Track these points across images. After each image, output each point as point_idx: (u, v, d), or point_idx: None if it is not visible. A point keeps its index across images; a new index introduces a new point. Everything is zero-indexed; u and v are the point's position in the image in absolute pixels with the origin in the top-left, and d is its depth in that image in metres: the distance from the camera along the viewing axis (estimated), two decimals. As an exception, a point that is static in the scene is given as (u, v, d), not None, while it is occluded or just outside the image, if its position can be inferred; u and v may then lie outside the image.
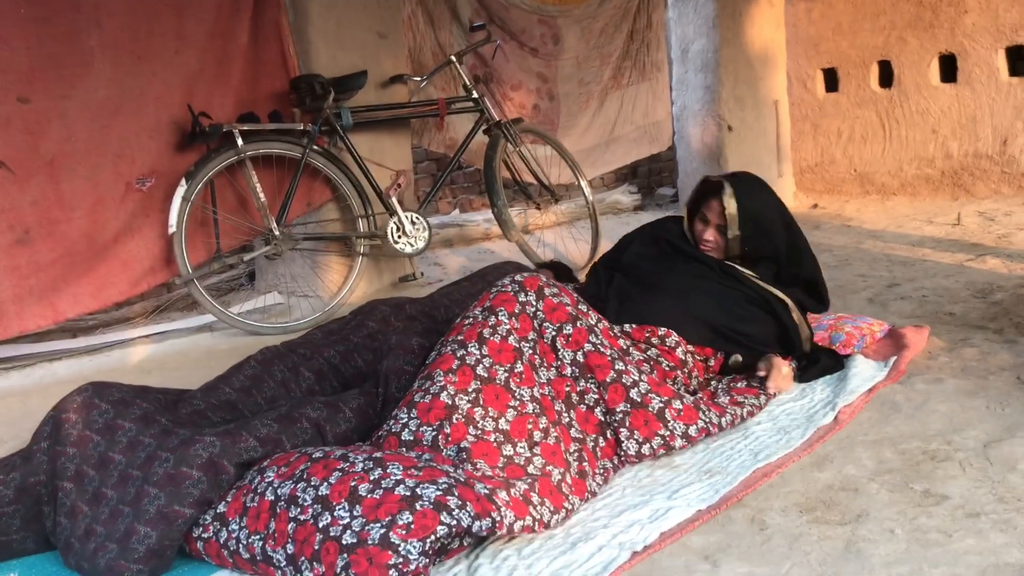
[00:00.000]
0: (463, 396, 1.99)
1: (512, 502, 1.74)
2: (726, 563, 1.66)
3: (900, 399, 2.41)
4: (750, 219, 2.61)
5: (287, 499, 1.68)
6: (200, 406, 2.09)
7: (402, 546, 1.54)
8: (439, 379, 2.02)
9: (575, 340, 2.20)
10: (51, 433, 1.92)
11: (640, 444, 2.12)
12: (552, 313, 2.21)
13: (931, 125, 5.88)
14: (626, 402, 2.15)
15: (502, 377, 2.05)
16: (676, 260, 2.69)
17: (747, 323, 2.57)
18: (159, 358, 3.49)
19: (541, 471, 1.92)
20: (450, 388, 1.99)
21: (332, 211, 4.10)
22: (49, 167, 3.27)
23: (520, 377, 2.07)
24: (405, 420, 1.98)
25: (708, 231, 2.66)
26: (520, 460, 1.92)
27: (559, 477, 1.93)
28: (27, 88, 3.19)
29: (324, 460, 1.75)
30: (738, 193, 2.61)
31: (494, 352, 2.07)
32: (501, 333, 2.11)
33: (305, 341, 2.52)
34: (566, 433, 2.07)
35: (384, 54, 4.26)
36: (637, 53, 5.75)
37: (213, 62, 3.71)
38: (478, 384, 2.01)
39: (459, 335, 2.12)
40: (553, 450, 1.98)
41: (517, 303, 2.18)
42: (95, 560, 1.71)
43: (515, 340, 2.11)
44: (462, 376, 2.02)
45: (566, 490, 1.91)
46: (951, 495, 1.85)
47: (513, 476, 1.87)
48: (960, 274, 3.81)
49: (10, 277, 3.20)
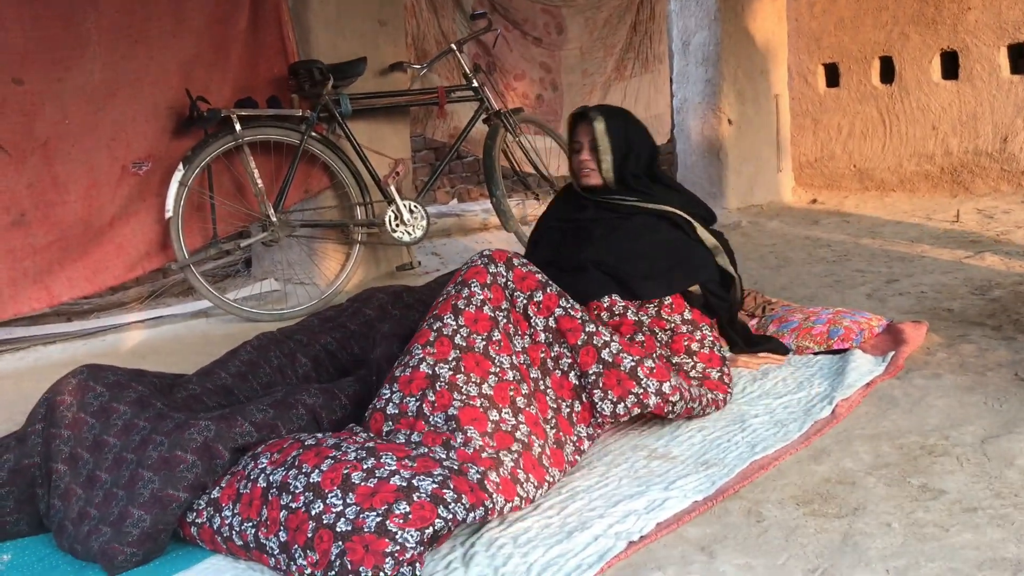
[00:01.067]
0: (443, 365, 1.98)
1: (501, 483, 1.75)
2: (723, 554, 1.65)
3: (898, 394, 2.41)
4: (618, 132, 2.66)
5: (279, 486, 1.67)
6: (196, 390, 2.08)
7: (399, 534, 1.53)
8: (417, 352, 2.01)
9: (546, 306, 2.20)
10: (45, 415, 1.90)
11: (615, 404, 2.12)
12: (522, 282, 2.21)
13: (931, 122, 5.88)
14: (598, 363, 2.15)
15: (480, 345, 2.04)
16: (576, 229, 2.72)
17: (664, 251, 2.62)
18: (154, 343, 3.47)
19: (527, 440, 1.92)
20: (429, 359, 1.99)
21: (330, 198, 4.08)
22: (44, 149, 3.25)
23: (498, 345, 2.07)
24: (388, 395, 1.98)
25: (583, 153, 2.69)
26: (507, 427, 1.92)
27: (539, 449, 1.93)
28: (21, 70, 3.17)
29: (316, 447, 1.74)
30: (602, 112, 2.68)
31: (470, 322, 2.07)
32: (475, 303, 2.10)
33: (302, 328, 2.50)
34: (543, 401, 2.08)
35: (384, 41, 4.24)
36: (640, 45, 5.73)
37: (211, 47, 3.68)
38: (457, 353, 2.01)
39: (435, 311, 2.11)
40: (535, 420, 1.99)
41: (488, 274, 2.17)
42: (88, 543, 1.70)
43: (489, 310, 2.11)
44: (440, 347, 2.01)
45: (546, 462, 1.93)
46: (948, 490, 1.84)
47: (503, 445, 1.86)
48: (959, 271, 3.81)
49: (5, 259, 3.19)
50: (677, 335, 2.54)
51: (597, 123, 2.64)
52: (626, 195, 2.69)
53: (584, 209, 2.74)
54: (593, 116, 2.66)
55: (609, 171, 2.65)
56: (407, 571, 1.51)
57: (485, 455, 1.81)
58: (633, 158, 2.67)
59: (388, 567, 1.50)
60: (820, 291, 3.66)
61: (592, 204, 2.73)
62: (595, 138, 2.64)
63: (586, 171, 2.70)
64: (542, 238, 2.86)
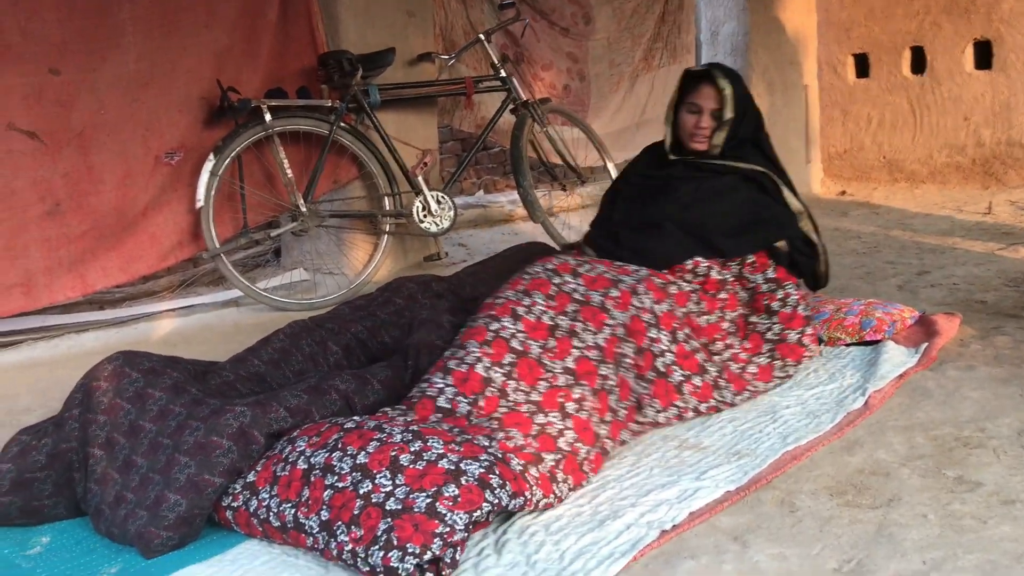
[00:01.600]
0: (497, 369, 2.00)
1: (540, 478, 1.77)
2: (756, 544, 1.65)
3: (931, 385, 2.38)
4: (741, 100, 2.62)
5: (322, 467, 1.69)
6: (229, 377, 2.10)
7: (449, 516, 1.55)
8: (474, 350, 2.03)
9: (622, 303, 2.23)
10: (82, 400, 1.93)
11: (657, 412, 2.19)
12: (594, 284, 2.25)
13: (963, 112, 5.80)
14: (652, 370, 2.20)
15: (535, 352, 2.06)
16: (662, 186, 2.69)
17: (749, 209, 2.60)
18: (185, 331, 3.50)
19: (571, 447, 1.92)
20: (485, 360, 2.01)
21: (358, 189, 4.10)
22: (79, 139, 3.29)
23: (553, 352, 2.08)
24: (441, 386, 1.99)
25: (703, 118, 2.64)
26: (553, 431, 1.93)
27: (584, 455, 1.94)
28: (59, 60, 3.20)
29: (358, 430, 1.76)
30: (728, 76, 2.62)
31: (529, 329, 2.09)
32: (536, 313, 2.13)
33: (333, 316, 2.52)
34: (605, 401, 2.09)
35: (413, 32, 4.24)
36: (668, 35, 5.70)
37: (242, 37, 3.70)
38: (513, 357, 2.03)
39: (491, 311, 2.12)
40: (584, 425, 1.98)
41: (552, 285, 2.19)
42: (125, 526, 1.72)
43: (549, 318, 2.13)
44: (497, 348, 2.03)
45: (587, 468, 1.93)
46: (985, 482, 1.82)
47: (544, 448, 1.88)
48: (991, 262, 3.76)
49: (41, 248, 3.23)
50: (757, 295, 2.55)
51: (725, 89, 2.59)
52: (718, 157, 2.67)
53: (670, 166, 2.72)
54: (720, 81, 2.59)
55: (722, 139, 2.63)
56: (451, 553, 1.52)
57: (527, 451, 1.83)
58: (745, 124, 2.65)
59: (436, 547, 1.51)
60: (851, 283, 3.63)
61: (680, 162, 2.70)
62: (722, 104, 2.59)
63: (701, 137, 2.65)
64: (620, 194, 2.83)
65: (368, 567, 1.53)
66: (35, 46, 3.14)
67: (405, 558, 1.49)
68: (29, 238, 3.21)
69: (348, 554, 1.56)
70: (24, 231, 3.20)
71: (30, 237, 3.21)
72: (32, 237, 3.21)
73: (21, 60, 3.12)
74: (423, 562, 1.50)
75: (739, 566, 1.58)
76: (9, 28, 3.08)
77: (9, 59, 3.09)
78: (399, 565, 1.49)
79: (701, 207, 2.59)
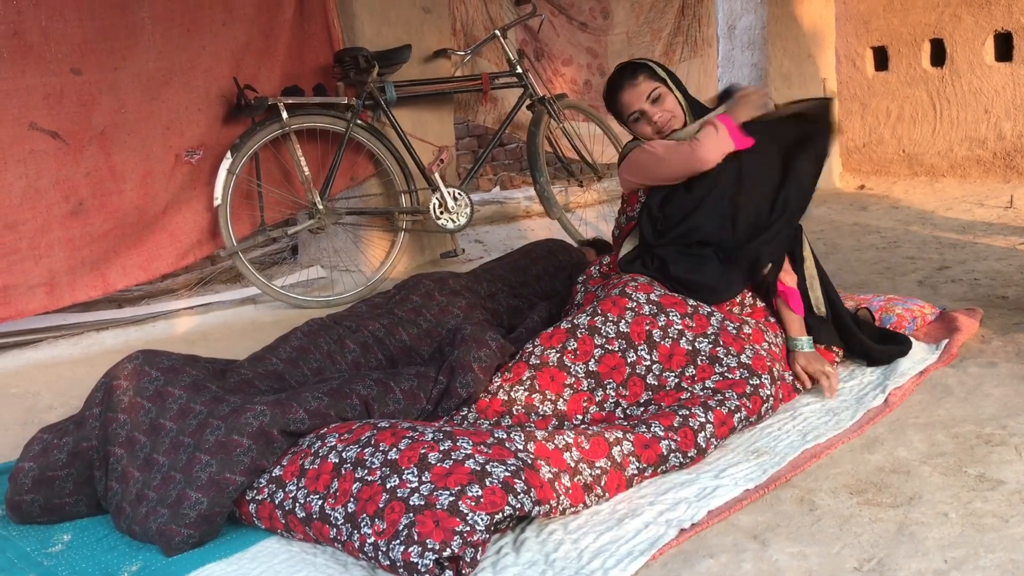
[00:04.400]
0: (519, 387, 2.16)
1: (572, 488, 1.75)
2: (775, 542, 1.64)
3: (952, 382, 2.36)
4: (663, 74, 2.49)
5: (353, 462, 1.70)
6: (247, 375, 2.10)
7: (470, 516, 1.55)
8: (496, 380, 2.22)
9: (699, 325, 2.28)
10: (102, 399, 1.94)
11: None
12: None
13: (984, 105, 5.74)
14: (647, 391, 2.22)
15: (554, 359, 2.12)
16: None
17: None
18: (203, 329, 3.52)
19: (620, 460, 1.89)
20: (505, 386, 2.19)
21: (375, 186, 4.10)
22: (101, 138, 3.31)
23: (574, 354, 2.19)
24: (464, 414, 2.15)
25: (653, 114, 2.47)
26: (610, 436, 1.93)
27: (634, 471, 1.89)
28: (80, 60, 3.22)
29: (391, 429, 1.77)
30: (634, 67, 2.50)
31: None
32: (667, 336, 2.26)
33: (350, 314, 2.52)
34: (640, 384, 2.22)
35: (428, 29, 4.24)
36: (688, 28, 5.66)
37: (260, 35, 3.71)
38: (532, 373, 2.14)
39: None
40: (644, 441, 1.95)
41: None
42: (147, 524, 1.74)
43: (687, 342, 2.25)
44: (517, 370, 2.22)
45: (636, 482, 1.90)
46: (1007, 480, 1.81)
47: (593, 456, 1.85)
48: (1013, 257, 3.72)
49: (64, 248, 3.25)
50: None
51: (654, 68, 2.51)
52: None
53: None
54: (628, 74, 2.50)
55: (682, 115, 2.55)
56: (471, 553, 1.52)
57: (565, 456, 1.80)
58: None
59: (455, 544, 1.51)
60: (870, 278, 3.60)
61: None
62: (651, 88, 2.48)
63: (669, 129, 2.50)
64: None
65: (388, 561, 1.53)
66: (56, 46, 3.16)
67: (425, 553, 1.50)
68: (53, 237, 3.23)
69: (370, 547, 1.57)
70: (49, 231, 3.22)
71: (54, 237, 3.23)
72: (56, 237, 3.23)
73: (43, 60, 3.14)
74: (442, 559, 1.51)
75: (758, 565, 1.57)
76: (31, 28, 3.10)
77: (31, 59, 3.12)
78: (418, 560, 1.50)
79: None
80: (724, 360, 2.19)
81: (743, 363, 2.19)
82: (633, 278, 2.35)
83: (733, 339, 2.23)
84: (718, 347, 2.21)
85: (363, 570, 1.62)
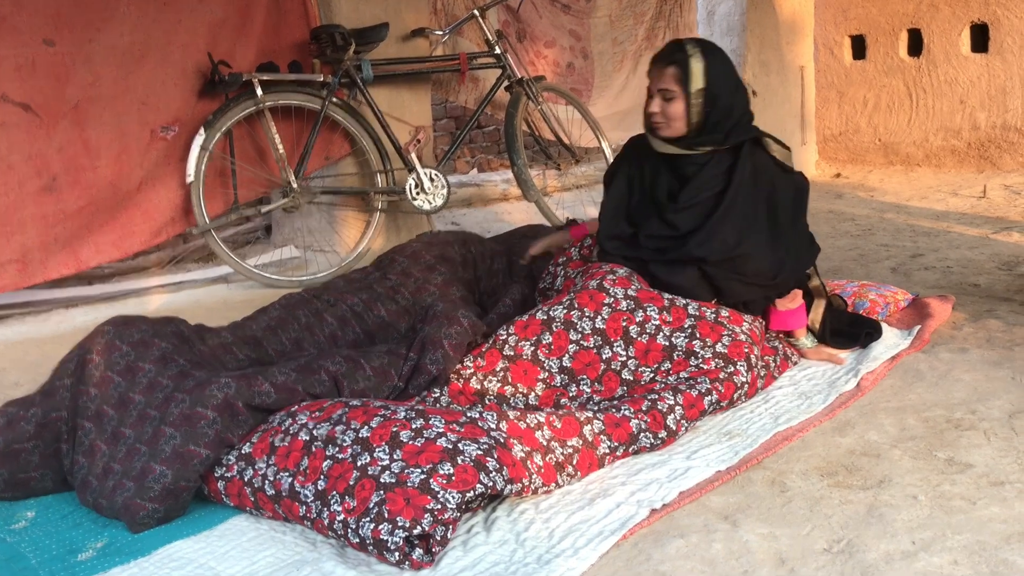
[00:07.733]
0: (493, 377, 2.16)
1: (544, 467, 1.75)
2: (746, 523, 1.64)
3: (924, 368, 2.38)
4: (716, 70, 2.36)
5: (324, 439, 1.69)
6: (228, 339, 2.13)
7: (441, 494, 1.54)
8: (469, 364, 2.21)
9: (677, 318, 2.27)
10: (74, 371, 1.91)
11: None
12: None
13: (959, 95, 5.78)
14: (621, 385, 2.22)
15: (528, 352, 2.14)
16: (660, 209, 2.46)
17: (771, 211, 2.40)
18: (175, 308, 3.48)
19: (591, 439, 1.89)
20: (479, 374, 2.20)
21: (350, 165, 4.06)
22: (75, 112, 3.24)
23: (548, 348, 2.20)
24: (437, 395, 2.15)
25: (653, 102, 2.38)
26: (581, 416, 1.95)
27: (605, 450, 1.90)
28: (53, 31, 3.14)
29: (363, 407, 1.76)
30: (701, 49, 2.35)
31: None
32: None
33: (328, 288, 2.53)
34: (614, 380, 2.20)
35: (406, 7, 4.19)
36: (671, 13, 5.64)
37: (237, 11, 3.65)
38: (505, 363, 2.16)
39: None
40: (615, 421, 1.96)
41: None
42: (113, 497, 1.71)
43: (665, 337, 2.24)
44: (490, 358, 2.21)
45: (608, 462, 1.90)
46: (975, 463, 1.82)
47: (565, 435, 1.86)
48: (985, 246, 3.76)
49: (37, 225, 3.18)
50: None
51: (693, 58, 2.36)
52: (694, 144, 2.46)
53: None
54: (676, 55, 2.37)
55: (682, 122, 2.43)
56: (441, 531, 1.52)
57: (537, 435, 1.80)
58: (726, 98, 2.40)
59: (426, 522, 1.51)
60: (844, 265, 3.62)
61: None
62: (680, 81, 2.37)
63: (656, 122, 2.43)
64: (626, 213, 2.62)
65: (358, 538, 1.52)
66: (29, 16, 3.08)
67: (394, 531, 1.49)
68: (26, 214, 3.15)
69: (339, 524, 1.55)
70: (21, 207, 3.14)
71: (27, 213, 3.15)
72: (29, 213, 3.16)
73: (15, 30, 3.06)
74: (412, 536, 1.50)
75: (729, 545, 1.57)
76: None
77: (3, 29, 3.03)
78: (388, 538, 1.49)
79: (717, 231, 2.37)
80: (700, 353, 2.19)
81: (719, 353, 2.19)
82: (612, 269, 2.33)
83: (711, 328, 2.22)
84: (695, 340, 2.20)
85: (332, 548, 1.61)
